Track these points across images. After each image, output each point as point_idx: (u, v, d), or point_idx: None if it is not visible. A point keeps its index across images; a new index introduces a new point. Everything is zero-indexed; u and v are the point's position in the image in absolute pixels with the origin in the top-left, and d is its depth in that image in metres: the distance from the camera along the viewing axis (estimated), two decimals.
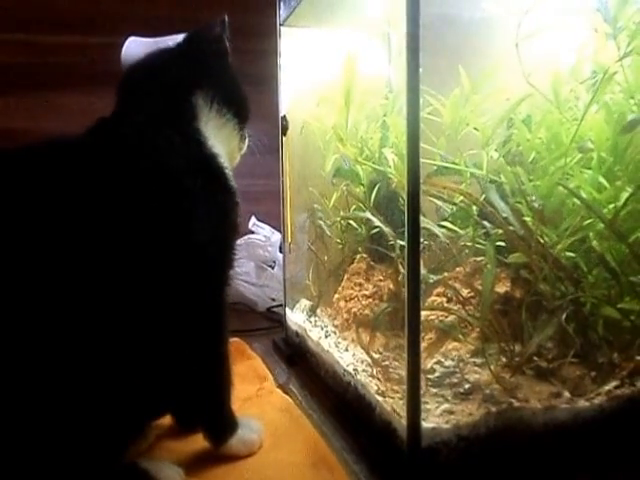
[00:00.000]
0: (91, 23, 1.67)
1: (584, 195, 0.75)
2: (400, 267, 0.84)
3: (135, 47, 1.29)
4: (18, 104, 1.63)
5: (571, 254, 0.76)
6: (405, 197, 0.61)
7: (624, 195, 0.73)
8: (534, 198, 0.75)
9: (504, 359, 0.74)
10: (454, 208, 0.87)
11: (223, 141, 0.73)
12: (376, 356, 0.81)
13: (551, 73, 0.77)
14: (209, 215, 0.65)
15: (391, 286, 0.90)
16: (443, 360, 0.75)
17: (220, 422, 0.69)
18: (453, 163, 0.84)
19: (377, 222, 0.89)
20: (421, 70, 0.60)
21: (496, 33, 0.79)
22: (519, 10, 0.73)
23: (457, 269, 0.83)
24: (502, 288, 0.79)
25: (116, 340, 0.56)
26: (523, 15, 0.72)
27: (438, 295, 0.82)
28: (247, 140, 0.80)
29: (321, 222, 1.12)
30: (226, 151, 0.74)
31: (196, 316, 0.65)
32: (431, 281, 0.81)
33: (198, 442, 0.70)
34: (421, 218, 0.62)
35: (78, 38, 1.67)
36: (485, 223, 0.80)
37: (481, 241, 0.82)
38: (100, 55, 1.45)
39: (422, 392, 0.64)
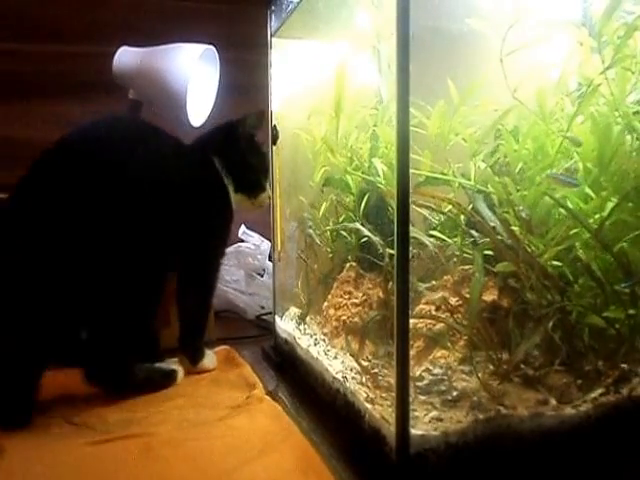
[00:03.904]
0: (87, 33, 1.68)
1: (570, 205, 0.76)
2: (389, 275, 0.85)
3: (127, 57, 1.29)
4: (17, 112, 1.63)
5: (557, 263, 0.77)
6: (394, 206, 0.62)
7: (609, 205, 0.74)
8: (521, 208, 0.76)
9: (491, 367, 0.74)
10: (442, 217, 0.88)
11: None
12: (365, 364, 0.82)
13: (537, 86, 0.78)
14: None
15: (380, 294, 0.90)
16: (431, 368, 0.76)
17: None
18: (442, 173, 0.85)
19: (366, 232, 0.90)
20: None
21: (484, 45, 0.80)
22: (506, 24, 0.74)
23: (445, 277, 0.84)
24: (490, 296, 0.80)
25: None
26: (508, 29, 0.73)
27: (427, 303, 0.83)
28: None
29: (311, 231, 1.12)
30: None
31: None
32: (420, 289, 0.81)
33: (186, 447, 0.70)
34: (410, 227, 0.63)
35: (75, 48, 1.67)
36: (473, 232, 0.81)
37: (469, 250, 0.83)
38: (96, 64, 1.45)
39: (411, 399, 0.65)
